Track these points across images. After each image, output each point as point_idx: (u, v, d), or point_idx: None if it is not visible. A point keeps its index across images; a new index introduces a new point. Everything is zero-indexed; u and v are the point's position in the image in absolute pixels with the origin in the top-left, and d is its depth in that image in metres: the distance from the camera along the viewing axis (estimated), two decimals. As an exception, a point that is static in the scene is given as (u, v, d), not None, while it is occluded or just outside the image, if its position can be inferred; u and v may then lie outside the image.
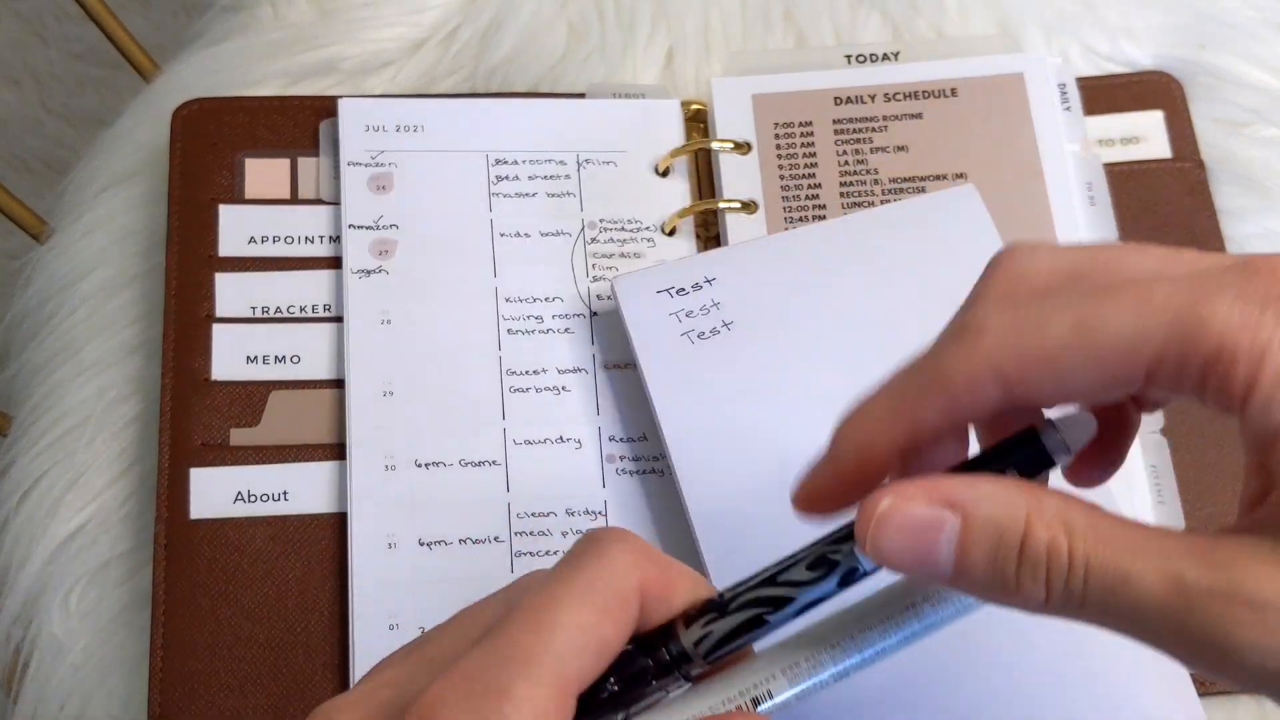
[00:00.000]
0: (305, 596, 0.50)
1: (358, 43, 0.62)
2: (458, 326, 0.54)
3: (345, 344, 0.53)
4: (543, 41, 0.62)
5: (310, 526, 0.51)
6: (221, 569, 0.50)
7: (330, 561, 0.51)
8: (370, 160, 0.57)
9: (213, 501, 0.51)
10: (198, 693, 0.49)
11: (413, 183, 0.56)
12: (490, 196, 0.57)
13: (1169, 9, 0.62)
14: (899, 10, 0.62)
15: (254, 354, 0.54)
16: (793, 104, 0.58)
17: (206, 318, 0.54)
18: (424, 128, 0.57)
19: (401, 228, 0.55)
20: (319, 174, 0.57)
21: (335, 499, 0.52)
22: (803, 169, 0.57)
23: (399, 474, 0.51)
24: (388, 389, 0.53)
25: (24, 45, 1.24)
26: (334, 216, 0.56)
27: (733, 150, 0.57)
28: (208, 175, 0.57)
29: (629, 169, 0.58)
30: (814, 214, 0.56)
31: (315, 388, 0.53)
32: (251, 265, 0.55)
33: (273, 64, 0.62)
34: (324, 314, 0.55)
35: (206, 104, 0.58)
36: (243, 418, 0.53)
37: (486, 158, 0.57)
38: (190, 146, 0.57)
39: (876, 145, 0.57)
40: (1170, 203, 0.57)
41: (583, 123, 0.58)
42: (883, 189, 0.56)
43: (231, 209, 0.56)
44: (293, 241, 0.56)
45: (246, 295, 0.55)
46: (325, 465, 0.52)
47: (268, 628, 0.50)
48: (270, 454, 0.52)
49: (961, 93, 0.58)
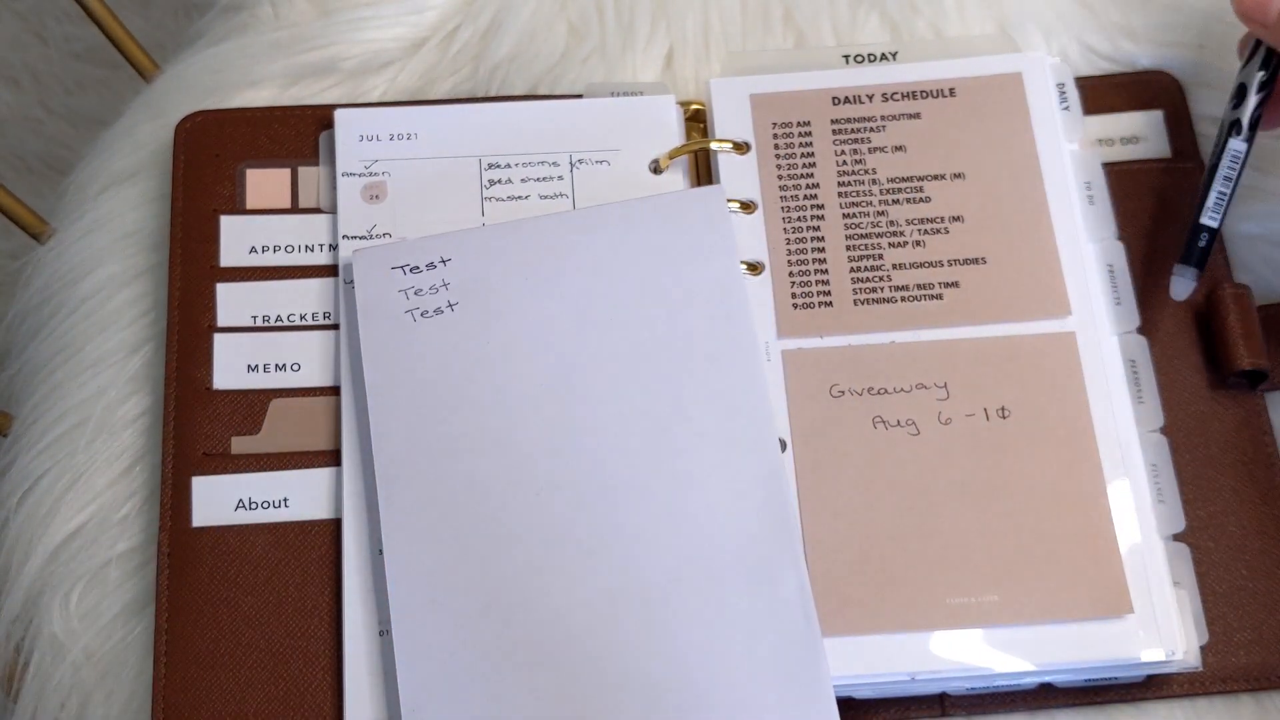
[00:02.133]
0: (305, 602, 0.50)
1: (358, 43, 0.62)
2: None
3: (341, 351, 0.54)
4: (542, 42, 0.62)
5: (310, 533, 0.51)
6: (223, 576, 0.51)
7: (329, 568, 0.51)
8: (364, 170, 0.57)
9: (214, 510, 0.52)
10: (200, 700, 0.49)
11: (405, 191, 0.57)
12: (483, 201, 0.57)
13: (1168, 8, 0.62)
14: (898, 10, 0.62)
15: (255, 363, 0.54)
16: (791, 104, 0.58)
17: (209, 328, 0.55)
18: (417, 135, 0.58)
19: (394, 236, 0.56)
20: (319, 184, 0.57)
21: (334, 505, 0.52)
22: (801, 169, 0.57)
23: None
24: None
25: (24, 45, 1.24)
26: (333, 225, 0.56)
27: (732, 150, 0.57)
28: (210, 186, 0.57)
29: (623, 168, 0.58)
30: (812, 214, 0.56)
31: (315, 395, 0.54)
32: (252, 275, 0.56)
33: (272, 64, 0.62)
34: (323, 321, 0.55)
35: (210, 115, 0.59)
36: (244, 426, 0.53)
37: (480, 162, 0.57)
38: (193, 159, 0.58)
39: (875, 145, 0.57)
40: (1170, 202, 0.57)
41: (577, 123, 0.58)
42: (881, 189, 0.56)
43: (233, 219, 0.57)
44: (293, 250, 0.56)
45: (247, 304, 0.55)
46: (324, 471, 0.52)
47: (268, 634, 0.50)
48: (271, 461, 0.52)
49: (960, 92, 0.58)
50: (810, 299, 0.54)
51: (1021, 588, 0.49)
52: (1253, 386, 0.54)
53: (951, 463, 0.52)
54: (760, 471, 0.50)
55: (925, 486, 0.51)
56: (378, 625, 0.49)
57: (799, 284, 0.55)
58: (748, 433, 0.51)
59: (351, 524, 0.51)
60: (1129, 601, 0.49)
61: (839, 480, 0.51)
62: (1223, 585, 0.51)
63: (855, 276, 0.55)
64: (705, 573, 0.49)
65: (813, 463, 0.51)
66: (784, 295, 0.54)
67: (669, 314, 0.53)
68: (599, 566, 0.49)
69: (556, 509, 0.50)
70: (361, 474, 0.51)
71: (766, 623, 0.48)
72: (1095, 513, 0.50)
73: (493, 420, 0.51)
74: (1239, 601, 0.51)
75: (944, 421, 0.52)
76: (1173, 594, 0.50)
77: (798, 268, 0.55)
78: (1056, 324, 0.53)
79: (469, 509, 0.50)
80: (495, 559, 0.49)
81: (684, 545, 0.49)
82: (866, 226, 0.56)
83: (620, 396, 0.51)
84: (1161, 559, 0.50)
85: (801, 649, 0.48)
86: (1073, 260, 0.54)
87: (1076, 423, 0.52)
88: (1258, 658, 0.50)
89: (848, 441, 0.52)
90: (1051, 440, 0.52)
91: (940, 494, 0.51)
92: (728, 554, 0.49)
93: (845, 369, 0.53)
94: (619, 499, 0.50)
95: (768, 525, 0.50)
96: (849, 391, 0.53)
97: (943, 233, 0.55)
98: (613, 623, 0.48)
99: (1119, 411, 0.52)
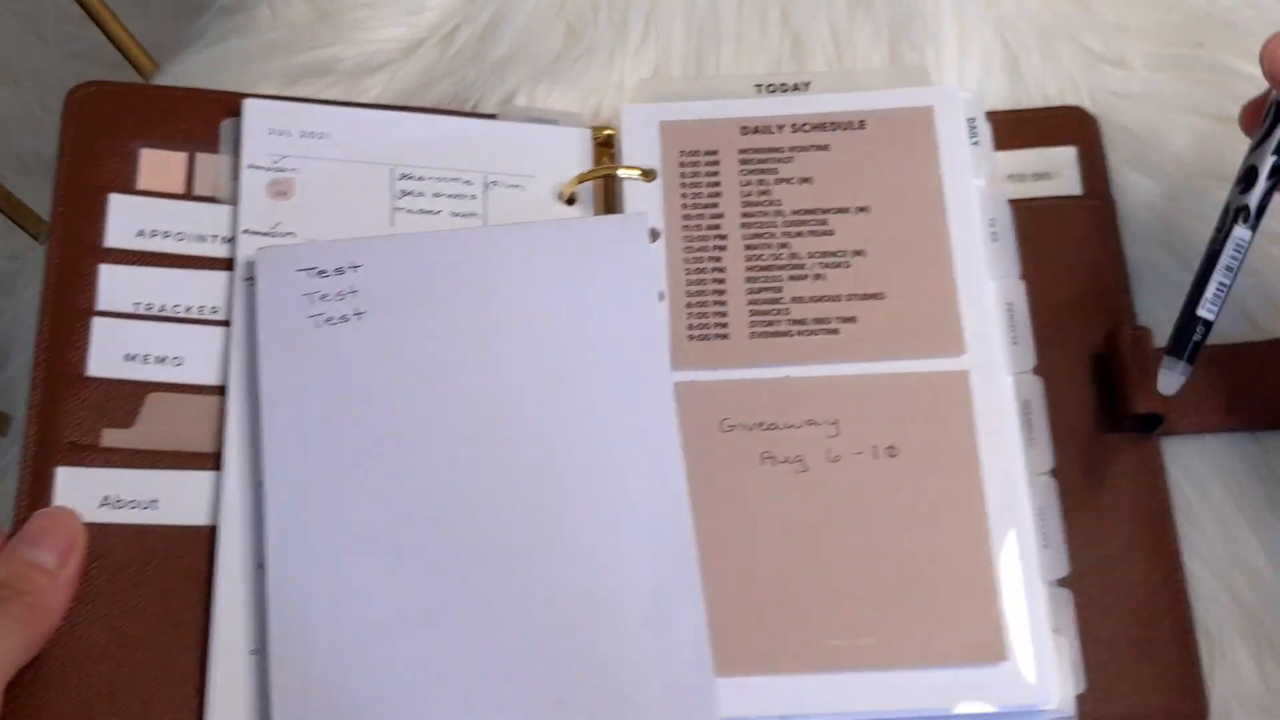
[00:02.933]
0: (168, 612, 0.48)
1: (355, 43, 0.62)
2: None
3: (232, 351, 0.52)
4: (541, 42, 0.62)
5: (180, 539, 0.49)
6: (80, 576, 0.48)
7: (199, 579, 0.49)
8: (272, 164, 0.56)
9: (77, 504, 0.49)
10: (45, 706, 0.46)
11: (314, 191, 0.55)
12: (393, 211, 0.56)
13: (1166, 7, 0.61)
14: (894, 12, 0.62)
15: (134, 352, 0.52)
16: (701, 132, 0.58)
17: (86, 310, 0.52)
18: (329, 135, 0.57)
19: (299, 236, 0.54)
20: (218, 173, 0.56)
21: (210, 512, 0.50)
22: (706, 198, 0.56)
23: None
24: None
25: (24, 45, 1.25)
26: (230, 218, 0.55)
27: (639, 177, 0.57)
28: (99, 161, 0.54)
29: (535, 194, 0.57)
30: (715, 244, 0.56)
31: (197, 393, 0.52)
32: (139, 259, 0.53)
33: (270, 64, 0.62)
34: (211, 317, 0.53)
35: (105, 87, 0.56)
36: (117, 418, 0.51)
37: (391, 171, 0.56)
38: (84, 130, 0.55)
39: (781, 176, 0.57)
40: (1077, 240, 0.57)
41: (492, 143, 0.58)
42: (785, 220, 0.56)
43: (122, 198, 0.54)
44: (184, 239, 0.54)
45: (131, 290, 0.53)
46: (201, 475, 0.50)
47: (123, 642, 0.48)
48: (143, 459, 0.50)
49: (870, 125, 0.57)
50: (706, 330, 0.54)
51: (898, 631, 0.49)
52: (1148, 431, 0.53)
53: (838, 501, 0.51)
54: (664, 508, 0.50)
55: (810, 525, 0.51)
56: (249, 644, 0.48)
57: (696, 315, 0.54)
58: (655, 466, 0.51)
59: (229, 534, 0.49)
60: (1004, 648, 0.49)
61: (724, 517, 0.51)
62: (1106, 632, 0.51)
63: (753, 309, 0.54)
64: (602, 606, 0.49)
65: (699, 499, 0.51)
66: (680, 326, 0.54)
67: (583, 342, 0.52)
68: (499, 597, 0.48)
69: (454, 532, 0.49)
70: (245, 482, 0.50)
71: (660, 660, 0.48)
72: (977, 556, 0.50)
73: (393, 436, 0.50)
74: (1121, 649, 0.50)
75: (832, 459, 0.52)
76: (1052, 641, 0.49)
77: (696, 298, 0.55)
78: (950, 362, 0.53)
79: (363, 526, 0.49)
80: (390, 579, 0.49)
81: (583, 578, 0.49)
82: (768, 258, 0.55)
83: (527, 422, 0.51)
84: (1042, 605, 0.50)
85: (693, 691, 0.47)
86: (971, 298, 0.54)
87: (964, 463, 0.51)
88: (1136, 707, 0.49)
89: (735, 478, 0.52)
90: (938, 481, 0.51)
91: (825, 533, 0.51)
92: (627, 588, 0.49)
93: (737, 403, 0.53)
94: (518, 531, 0.49)
95: (668, 562, 0.49)
96: (739, 426, 0.53)
97: (844, 266, 0.55)
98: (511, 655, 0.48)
99: (1008, 453, 0.52)
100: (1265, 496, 0.53)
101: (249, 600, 0.49)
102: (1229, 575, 0.52)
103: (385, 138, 0.57)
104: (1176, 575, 0.51)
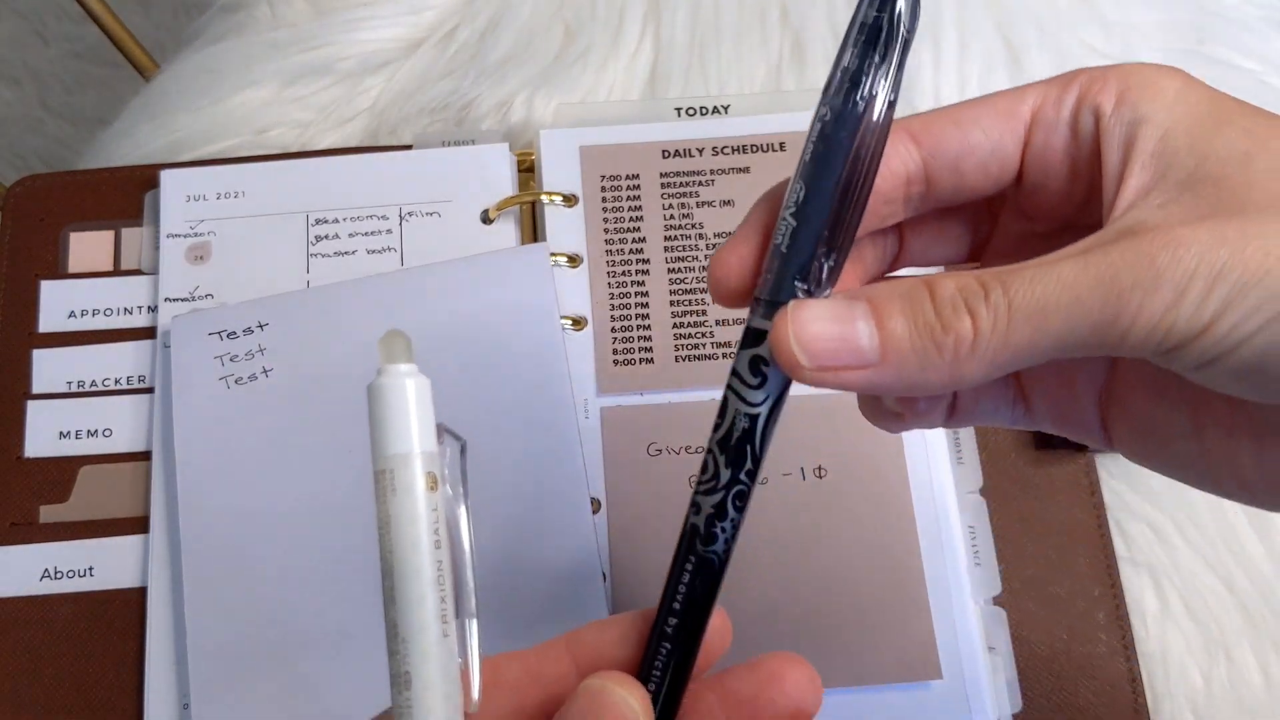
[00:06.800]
0: (107, 672, 0.50)
1: (355, 43, 0.62)
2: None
3: (155, 416, 0.53)
4: (540, 42, 0.61)
5: (114, 602, 0.50)
6: (25, 647, 0.50)
7: (134, 637, 0.50)
8: (189, 231, 0.56)
9: (19, 581, 0.51)
10: None
11: (230, 250, 0.55)
12: (309, 258, 0.56)
13: (1168, 5, 0.61)
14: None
15: (67, 429, 0.53)
16: (621, 156, 0.57)
17: (23, 394, 0.54)
18: (245, 193, 0.57)
19: (216, 297, 0.55)
20: (142, 245, 0.56)
21: (141, 573, 0.51)
22: (628, 222, 0.56)
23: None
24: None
25: (24, 45, 1.25)
26: (153, 287, 0.55)
27: (561, 203, 0.56)
28: (35, 251, 0.56)
29: (454, 219, 0.57)
30: (638, 268, 0.55)
31: (125, 460, 0.53)
32: (70, 340, 0.55)
33: (270, 64, 0.61)
34: (137, 385, 0.54)
35: (40, 179, 0.58)
36: (52, 494, 0.52)
37: (307, 218, 0.56)
38: (20, 223, 0.57)
39: (703, 199, 0.56)
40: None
41: (409, 174, 0.57)
42: (707, 243, 0.55)
43: (52, 284, 0.56)
44: (112, 314, 0.55)
45: (63, 371, 0.54)
46: (131, 540, 0.51)
47: (68, 706, 0.49)
48: (78, 530, 0.52)
49: (790, 147, 0.57)
50: (632, 355, 0.53)
51: (830, 651, 0.48)
52: (1080, 446, 0.53)
53: (767, 522, 0.50)
54: (573, 539, 0.49)
55: (740, 547, 0.50)
56: (180, 698, 0.48)
57: (621, 339, 0.54)
58: (563, 493, 0.50)
59: (157, 592, 0.50)
60: (937, 667, 0.48)
61: (651, 541, 0.50)
62: (1043, 649, 0.50)
63: (678, 333, 0.54)
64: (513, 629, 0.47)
65: (626, 523, 0.50)
66: (605, 351, 0.53)
67: (489, 375, 0.52)
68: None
69: (359, 586, 0.48)
70: (168, 541, 0.50)
71: None
72: (908, 575, 0.49)
73: (296, 492, 0.50)
74: (1058, 667, 0.50)
75: (761, 481, 0.51)
76: (986, 659, 0.48)
77: (620, 323, 0.54)
78: (877, 381, 0.52)
79: (269, 584, 0.48)
80: (293, 638, 0.47)
81: (493, 602, 0.48)
82: (691, 282, 0.55)
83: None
84: (975, 623, 0.49)
85: None
86: (896, 316, 0.53)
87: (893, 483, 0.51)
88: (1073, 725, 0.49)
89: (662, 501, 0.51)
90: (868, 501, 0.50)
91: (754, 554, 0.50)
92: (534, 611, 0.48)
93: (664, 427, 0.52)
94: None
95: (576, 587, 0.48)
96: (666, 450, 0.52)
97: (768, 288, 0.54)
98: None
99: (937, 472, 0.51)
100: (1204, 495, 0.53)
101: (176, 655, 0.49)
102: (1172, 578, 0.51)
103: (299, 186, 0.57)
104: (1115, 590, 0.51)
